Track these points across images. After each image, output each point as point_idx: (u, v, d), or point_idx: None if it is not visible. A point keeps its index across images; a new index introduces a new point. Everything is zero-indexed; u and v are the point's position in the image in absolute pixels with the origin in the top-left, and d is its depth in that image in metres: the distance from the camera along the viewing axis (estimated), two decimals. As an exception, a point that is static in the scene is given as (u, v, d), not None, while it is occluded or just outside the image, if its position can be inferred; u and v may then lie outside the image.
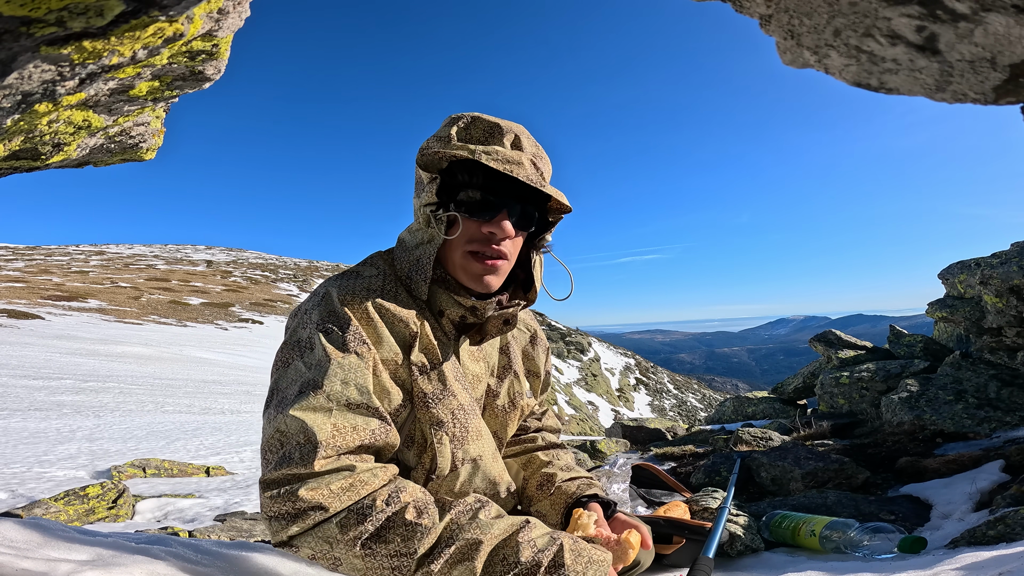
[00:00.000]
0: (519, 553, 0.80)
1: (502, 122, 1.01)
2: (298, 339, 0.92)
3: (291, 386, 0.87)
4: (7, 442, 4.42)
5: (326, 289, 0.97)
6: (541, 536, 0.84)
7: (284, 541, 0.79)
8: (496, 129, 1.00)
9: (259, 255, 64.65)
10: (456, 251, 1.02)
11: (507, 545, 0.81)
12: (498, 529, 0.82)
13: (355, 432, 0.84)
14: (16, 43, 0.93)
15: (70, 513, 2.69)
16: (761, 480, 2.44)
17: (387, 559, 0.77)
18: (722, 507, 1.67)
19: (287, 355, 0.92)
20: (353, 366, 0.87)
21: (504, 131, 1.00)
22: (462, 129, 1.00)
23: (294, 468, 0.79)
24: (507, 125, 1.01)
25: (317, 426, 0.80)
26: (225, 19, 1.33)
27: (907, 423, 3.03)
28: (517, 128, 1.02)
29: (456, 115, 1.03)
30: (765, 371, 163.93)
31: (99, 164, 1.82)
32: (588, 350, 30.73)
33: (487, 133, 1.00)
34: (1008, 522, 1.42)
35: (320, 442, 0.79)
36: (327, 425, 0.81)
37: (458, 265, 1.03)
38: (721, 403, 6.03)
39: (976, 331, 3.81)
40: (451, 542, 0.79)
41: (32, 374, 8.00)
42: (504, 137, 1.00)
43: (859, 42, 1.06)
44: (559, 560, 0.81)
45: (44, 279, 27.43)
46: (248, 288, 34.36)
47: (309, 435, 0.80)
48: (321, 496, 0.78)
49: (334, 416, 0.83)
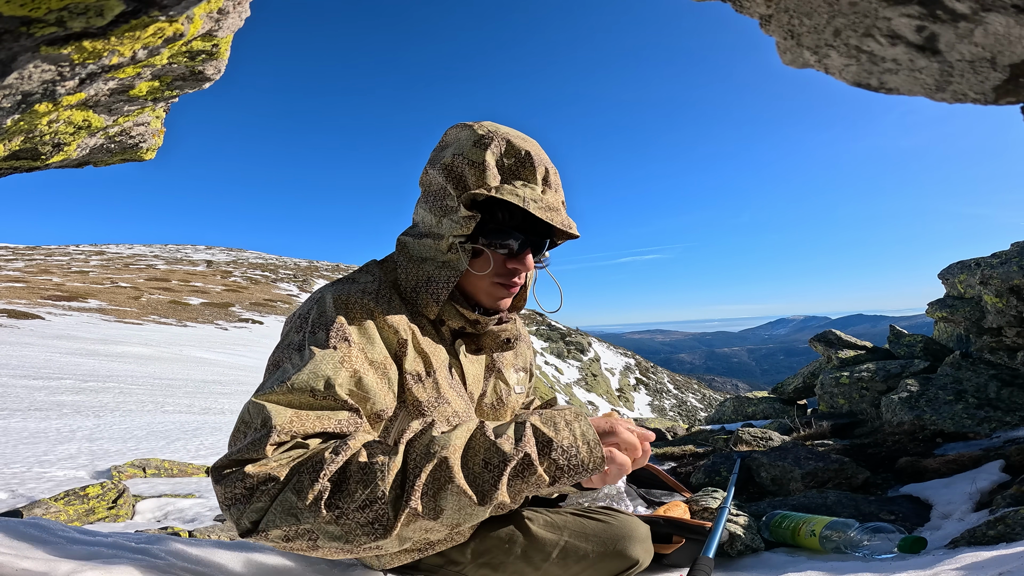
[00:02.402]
0: (501, 449, 0.75)
1: (530, 146, 1.03)
2: (289, 342, 0.92)
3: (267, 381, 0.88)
4: (7, 442, 4.41)
5: (321, 294, 0.98)
6: (505, 426, 0.80)
7: (248, 528, 0.73)
8: (528, 160, 1.03)
9: (259, 255, 64.64)
10: (480, 280, 1.07)
11: (480, 449, 0.76)
12: (457, 439, 0.77)
13: (318, 420, 0.80)
14: (16, 43, 0.93)
15: (70, 513, 2.69)
16: (761, 480, 2.44)
17: (359, 513, 0.71)
18: (722, 507, 1.67)
19: (278, 357, 0.92)
20: (326, 358, 0.85)
21: (535, 162, 1.03)
22: (499, 160, 1.02)
23: (244, 453, 0.75)
24: (535, 152, 1.03)
25: (276, 411, 0.78)
26: (225, 19, 1.33)
27: (907, 423, 3.03)
28: (541, 154, 1.05)
29: (481, 131, 1.03)
30: (765, 371, 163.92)
31: (99, 164, 1.82)
32: (588, 350, 30.72)
33: (520, 163, 1.03)
34: (1008, 522, 1.42)
35: (275, 426, 0.76)
36: (287, 411, 0.79)
37: (483, 291, 1.08)
38: (721, 403, 6.03)
39: (976, 331, 3.81)
40: (418, 470, 0.73)
41: (32, 374, 8.00)
42: (536, 171, 1.03)
43: (859, 42, 1.06)
44: (542, 438, 0.77)
45: (44, 279, 27.42)
46: (248, 288, 34.34)
47: (266, 419, 0.77)
48: (269, 468, 0.73)
49: (296, 403, 0.80)
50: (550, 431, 0.78)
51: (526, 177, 1.03)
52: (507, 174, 1.02)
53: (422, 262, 1.06)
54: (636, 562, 1.15)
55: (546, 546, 1.11)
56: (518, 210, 1.02)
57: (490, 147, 1.01)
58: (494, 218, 1.03)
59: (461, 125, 1.08)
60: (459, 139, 1.05)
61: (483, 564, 1.09)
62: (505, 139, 1.02)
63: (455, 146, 1.05)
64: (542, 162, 1.04)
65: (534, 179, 1.03)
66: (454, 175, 1.01)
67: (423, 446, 0.76)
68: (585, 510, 1.22)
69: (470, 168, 1.00)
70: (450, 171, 1.01)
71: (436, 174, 1.04)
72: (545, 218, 0.98)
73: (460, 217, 1.00)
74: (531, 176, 1.03)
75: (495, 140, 1.02)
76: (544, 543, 1.11)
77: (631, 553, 1.13)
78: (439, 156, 1.06)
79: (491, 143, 1.01)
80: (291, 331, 0.95)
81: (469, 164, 1.00)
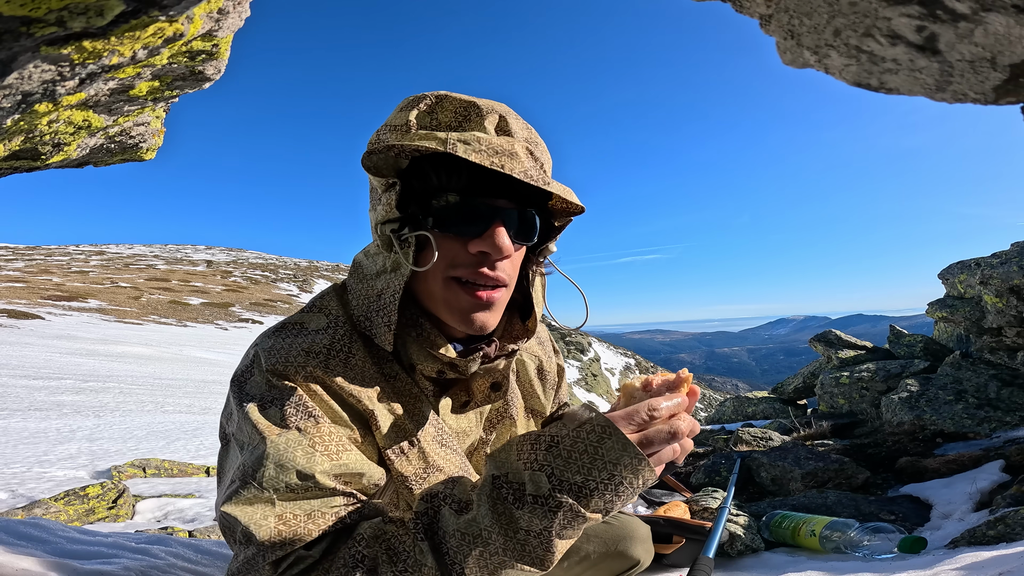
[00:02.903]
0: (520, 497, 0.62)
1: (479, 100, 0.77)
2: (230, 411, 0.75)
3: (228, 471, 0.73)
4: (7, 442, 4.42)
5: (255, 351, 0.76)
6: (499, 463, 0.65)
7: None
8: (472, 109, 0.76)
9: (259, 255, 64.67)
10: (435, 281, 0.76)
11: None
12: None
13: (311, 520, 0.66)
14: (16, 43, 0.93)
15: (70, 513, 2.69)
16: (761, 480, 2.44)
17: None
18: (722, 507, 1.67)
19: (224, 429, 0.77)
20: (291, 444, 0.67)
21: (484, 111, 0.76)
22: (424, 113, 0.76)
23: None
24: (487, 104, 0.77)
25: (254, 524, 0.65)
26: (225, 19, 1.33)
27: (907, 423, 3.03)
28: (501, 107, 0.78)
29: (415, 96, 0.78)
30: (765, 371, 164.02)
31: (99, 164, 1.82)
32: (588, 350, 30.73)
33: (461, 116, 0.76)
34: (1008, 522, 1.42)
35: (261, 542, 0.64)
36: (268, 520, 0.65)
37: (439, 300, 0.77)
38: (721, 403, 6.04)
39: (976, 331, 3.81)
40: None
41: (32, 374, 8.00)
42: (485, 119, 0.76)
43: (859, 42, 1.06)
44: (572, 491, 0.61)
45: (44, 279, 27.42)
46: (248, 288, 34.35)
47: (246, 533, 0.65)
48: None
49: (277, 507, 0.66)
50: (578, 477, 0.61)
51: (465, 127, 0.76)
52: (436, 127, 0.76)
53: (374, 279, 0.79)
54: (637, 562, 1.15)
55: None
56: (457, 164, 0.73)
57: (416, 106, 0.76)
58: (424, 184, 0.75)
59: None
60: (390, 114, 0.80)
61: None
62: (443, 95, 0.77)
63: (385, 121, 0.80)
64: (493, 109, 0.77)
65: (480, 129, 0.75)
66: (375, 152, 0.75)
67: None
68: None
69: (390, 133, 0.76)
70: (371, 149, 0.75)
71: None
72: (488, 163, 0.69)
73: (380, 192, 0.77)
74: (475, 126, 0.75)
75: (425, 98, 0.77)
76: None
77: (632, 553, 1.13)
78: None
79: (419, 102, 0.77)
80: (231, 397, 0.76)
81: (389, 129, 0.76)
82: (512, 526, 0.61)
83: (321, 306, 0.82)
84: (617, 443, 0.60)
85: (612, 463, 0.60)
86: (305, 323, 0.79)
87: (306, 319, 0.79)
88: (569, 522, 0.61)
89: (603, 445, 0.61)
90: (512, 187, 0.76)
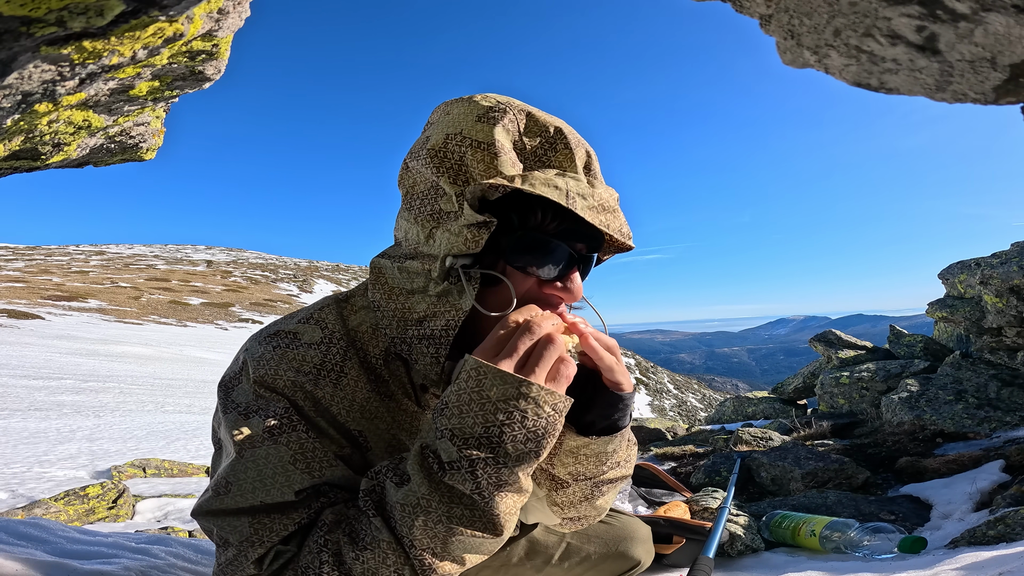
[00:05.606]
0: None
1: (560, 123, 0.73)
2: (219, 420, 0.74)
3: (213, 476, 0.72)
4: (7, 442, 4.42)
5: (244, 357, 0.73)
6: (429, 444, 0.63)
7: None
8: (560, 140, 0.71)
9: (259, 255, 64.69)
10: (489, 318, 0.71)
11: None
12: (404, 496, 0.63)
13: (285, 515, 0.66)
14: (16, 43, 0.93)
15: (70, 513, 2.69)
16: (761, 480, 2.44)
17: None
18: (722, 507, 1.68)
19: (215, 434, 0.78)
20: (270, 458, 0.66)
21: (571, 143, 0.71)
22: (517, 139, 0.71)
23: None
24: (568, 130, 0.73)
25: (230, 526, 0.66)
26: (225, 19, 1.33)
27: (907, 423, 3.04)
28: (576, 134, 0.74)
29: (487, 102, 0.71)
30: (765, 371, 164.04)
31: (99, 164, 1.82)
32: (588, 350, 30.68)
33: (548, 144, 0.71)
34: (1008, 522, 1.42)
35: (239, 543, 0.65)
36: (243, 526, 0.65)
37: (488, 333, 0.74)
38: (721, 403, 6.04)
39: (976, 331, 3.81)
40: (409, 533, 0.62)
41: (32, 374, 8.00)
42: (575, 155, 0.71)
43: (859, 42, 1.06)
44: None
45: (44, 279, 27.42)
46: (248, 288, 34.35)
47: (223, 538, 0.66)
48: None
49: (250, 515, 0.66)
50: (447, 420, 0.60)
51: (560, 164, 0.71)
52: (531, 160, 0.71)
53: (408, 297, 0.74)
54: (638, 563, 1.15)
55: (548, 548, 1.10)
56: (552, 213, 0.69)
57: (501, 122, 0.69)
58: (514, 224, 0.70)
59: (452, 100, 0.75)
60: (452, 116, 0.72)
61: (484, 566, 1.09)
62: (523, 112, 0.71)
63: (447, 124, 0.71)
64: (580, 143, 0.73)
65: (572, 167, 0.71)
66: (449, 164, 0.68)
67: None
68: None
69: (473, 152, 0.68)
70: (443, 159, 0.69)
71: (421, 167, 0.71)
72: (597, 223, 0.67)
73: (464, 225, 0.67)
74: (568, 163, 0.71)
75: (508, 113, 0.70)
76: (546, 545, 1.10)
77: (633, 554, 1.13)
78: (424, 142, 0.73)
79: (503, 116, 0.70)
80: (219, 402, 0.74)
81: (472, 146, 0.68)
82: (448, 493, 0.60)
83: (318, 318, 0.77)
84: (494, 378, 0.59)
85: (500, 400, 0.58)
86: (299, 334, 0.75)
87: (300, 329, 0.75)
88: (497, 476, 0.59)
89: (483, 386, 0.59)
90: (591, 233, 0.74)
